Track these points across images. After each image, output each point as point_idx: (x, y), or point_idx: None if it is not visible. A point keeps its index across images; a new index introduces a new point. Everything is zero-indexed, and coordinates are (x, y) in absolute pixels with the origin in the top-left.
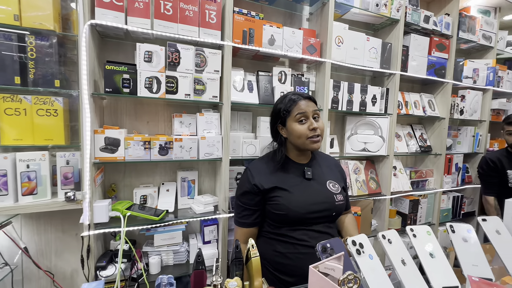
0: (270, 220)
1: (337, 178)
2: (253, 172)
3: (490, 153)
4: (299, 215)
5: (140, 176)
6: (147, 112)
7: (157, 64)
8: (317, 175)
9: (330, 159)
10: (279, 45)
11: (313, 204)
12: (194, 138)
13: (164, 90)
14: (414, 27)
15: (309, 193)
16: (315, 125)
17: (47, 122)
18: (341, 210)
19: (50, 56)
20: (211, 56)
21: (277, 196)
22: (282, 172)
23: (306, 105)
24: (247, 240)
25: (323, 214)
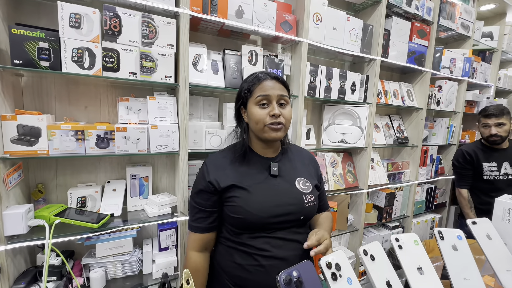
0: (228, 224)
1: (310, 175)
2: (209, 167)
3: (466, 145)
4: (259, 220)
5: (78, 174)
6: (84, 94)
7: (88, 32)
8: (285, 171)
9: (304, 153)
10: (248, 18)
11: (276, 206)
12: (142, 128)
13: (101, 66)
14: (396, 9)
15: (272, 193)
16: (276, 111)
17: None
18: (311, 212)
19: None
20: (163, 26)
21: (234, 196)
22: (244, 167)
23: (271, 86)
24: (201, 249)
25: (289, 218)
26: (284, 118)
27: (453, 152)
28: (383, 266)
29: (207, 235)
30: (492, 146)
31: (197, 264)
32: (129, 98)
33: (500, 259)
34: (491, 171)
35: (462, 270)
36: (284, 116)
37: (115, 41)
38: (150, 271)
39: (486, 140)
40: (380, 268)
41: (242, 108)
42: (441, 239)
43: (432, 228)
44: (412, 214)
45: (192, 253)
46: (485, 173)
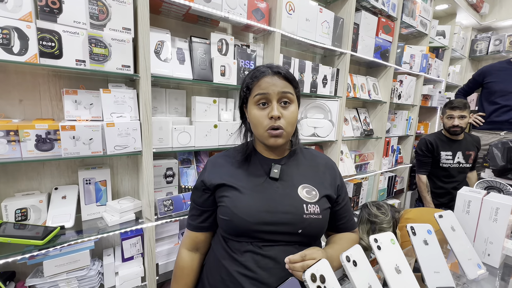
0: (220, 229)
1: (322, 183)
2: (208, 165)
3: (428, 135)
4: (244, 224)
5: (15, 181)
6: (18, 85)
7: (16, 7)
8: (289, 175)
9: (320, 158)
10: (217, 3)
11: (267, 212)
12: (96, 125)
13: (37, 51)
14: (364, 3)
15: (266, 196)
16: (275, 112)
17: None
18: (314, 228)
19: None
20: (116, 6)
21: (224, 196)
22: (243, 167)
23: (271, 83)
24: (192, 248)
25: (283, 230)
26: (285, 121)
27: (411, 142)
28: (366, 271)
29: (197, 234)
30: (452, 136)
31: (184, 263)
32: (77, 91)
33: (463, 250)
34: (447, 159)
35: (432, 263)
36: (285, 119)
37: (54, 21)
38: (113, 285)
39: (447, 130)
40: (363, 274)
41: (245, 106)
42: (414, 234)
43: None
44: None
45: (182, 250)
46: (442, 161)
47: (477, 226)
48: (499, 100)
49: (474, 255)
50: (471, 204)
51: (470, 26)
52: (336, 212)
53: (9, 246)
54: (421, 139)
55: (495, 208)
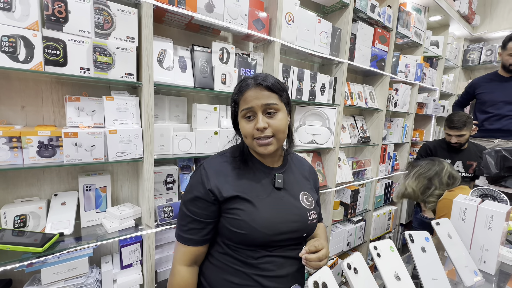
0: (225, 238)
1: (310, 188)
2: (209, 172)
3: (431, 141)
4: (263, 237)
5: (15, 187)
6: (21, 91)
7: (23, 16)
8: (289, 184)
9: (305, 164)
10: (219, 13)
11: (282, 223)
12: (98, 132)
13: (42, 59)
14: (361, 15)
15: (279, 208)
16: (260, 124)
17: None
18: (313, 230)
19: None
20: (121, 16)
21: (238, 209)
22: (248, 176)
23: (254, 96)
24: (191, 263)
25: (293, 236)
26: (273, 129)
27: (406, 149)
28: (366, 278)
29: (199, 248)
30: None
31: (185, 281)
32: (80, 98)
33: (459, 256)
34: None
35: (430, 270)
36: (273, 127)
37: (60, 30)
38: None
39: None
40: (363, 281)
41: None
42: (412, 242)
43: (389, 219)
44: (373, 207)
45: (180, 267)
46: None
47: (473, 233)
48: (490, 109)
49: (470, 262)
50: (467, 212)
51: (462, 36)
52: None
53: (7, 254)
54: (423, 145)
55: (490, 216)
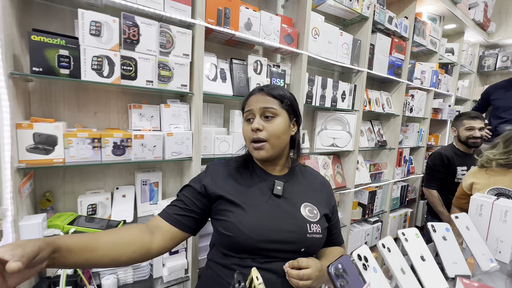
0: (218, 243)
1: (320, 201)
2: (211, 171)
3: (443, 149)
4: (249, 242)
5: (87, 181)
6: (94, 100)
7: (108, 40)
8: (291, 193)
9: (317, 178)
10: (256, 30)
11: (272, 231)
12: (158, 135)
13: (119, 74)
14: (379, 26)
15: (270, 215)
16: (255, 125)
17: None
18: (315, 246)
19: None
20: (179, 37)
21: (228, 211)
22: (246, 181)
23: (255, 100)
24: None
25: (287, 248)
26: (267, 133)
27: (422, 153)
28: (397, 256)
29: (163, 222)
30: (466, 150)
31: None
32: (141, 105)
33: (477, 246)
34: (463, 174)
35: (451, 256)
36: (267, 131)
37: (133, 50)
38: (160, 275)
39: (464, 142)
40: (395, 258)
41: None
42: (434, 231)
43: (405, 221)
44: (389, 209)
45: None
46: (458, 176)
47: (488, 226)
48: (503, 115)
49: (486, 251)
50: (483, 208)
51: (477, 43)
52: (328, 228)
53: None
54: (436, 153)
55: (504, 211)
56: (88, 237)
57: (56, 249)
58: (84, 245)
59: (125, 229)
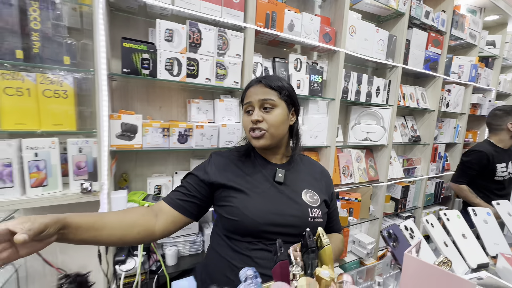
0: (223, 228)
1: (320, 188)
2: (212, 160)
3: (482, 146)
4: (254, 225)
5: (152, 165)
6: (160, 96)
7: (178, 45)
8: (292, 180)
9: (316, 166)
10: (297, 31)
11: (275, 215)
12: (215, 126)
13: (185, 74)
14: (415, 21)
15: (274, 200)
16: (254, 116)
17: (56, 104)
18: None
19: (57, 28)
20: (233, 39)
21: (232, 197)
22: (248, 169)
23: (254, 92)
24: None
25: (290, 231)
26: (267, 123)
27: (459, 150)
28: (440, 231)
29: (166, 206)
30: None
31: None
32: (199, 100)
33: None
34: (503, 171)
35: (492, 237)
36: (267, 121)
37: (196, 52)
38: None
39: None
40: (438, 233)
41: None
42: (475, 215)
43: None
44: (423, 205)
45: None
46: (498, 174)
47: None
48: None
49: None
50: None
51: None
52: (327, 215)
53: None
54: (480, 152)
55: None
56: (95, 217)
57: (65, 225)
58: (92, 223)
59: (131, 211)
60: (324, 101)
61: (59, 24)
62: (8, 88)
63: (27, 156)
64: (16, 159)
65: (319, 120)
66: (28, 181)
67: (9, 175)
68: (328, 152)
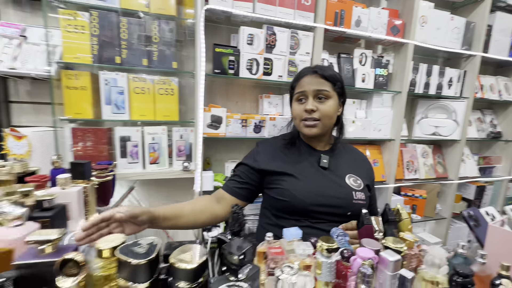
0: (272, 209)
1: (362, 174)
2: (260, 149)
3: None
4: (302, 205)
5: (229, 152)
6: (236, 92)
7: (257, 47)
8: (335, 166)
9: (358, 153)
10: (364, 26)
11: (322, 196)
12: (285, 118)
13: (262, 72)
14: (500, 4)
15: (320, 183)
16: (309, 105)
17: (165, 100)
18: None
19: (169, 39)
20: (304, 38)
21: (282, 180)
22: (294, 155)
23: (309, 82)
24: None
25: (335, 211)
26: (321, 113)
27: None
28: None
29: (225, 193)
30: None
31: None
32: (270, 95)
33: None
34: None
35: None
36: (321, 111)
37: (271, 52)
38: None
39: None
40: None
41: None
42: None
43: None
44: (502, 209)
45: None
46: None
47: None
48: None
49: None
50: None
51: None
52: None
53: None
54: None
55: None
56: (176, 208)
57: (155, 217)
58: (175, 213)
59: (199, 200)
60: (389, 94)
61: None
62: (136, 88)
63: (148, 140)
64: (140, 142)
65: (383, 113)
66: (147, 159)
67: (136, 154)
68: (392, 146)
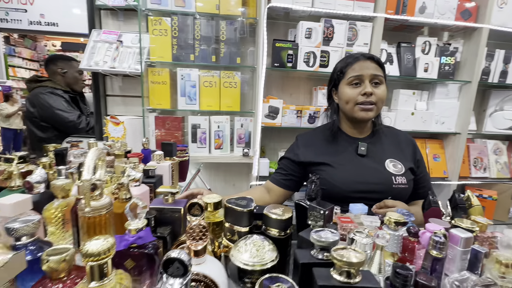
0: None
1: (405, 157)
2: (299, 142)
3: None
4: (342, 193)
5: (282, 142)
6: (291, 85)
7: (315, 40)
8: (374, 152)
9: (401, 135)
10: (429, 12)
11: (360, 183)
12: None
13: (318, 64)
14: None
15: (358, 170)
16: (368, 89)
17: (229, 92)
18: (402, 195)
19: (234, 37)
20: (362, 29)
21: (321, 170)
22: (332, 146)
23: (365, 66)
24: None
25: (374, 196)
26: (377, 97)
27: None
28: None
29: (273, 185)
30: None
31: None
32: (323, 87)
33: None
34: None
35: None
36: (377, 96)
37: (328, 45)
38: None
39: None
40: None
41: (333, 90)
42: None
43: None
44: None
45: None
46: None
47: None
48: None
49: None
50: None
51: None
52: (415, 181)
53: None
54: None
55: None
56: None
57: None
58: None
59: (254, 190)
60: (456, 85)
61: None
62: (205, 82)
63: (214, 128)
64: (207, 129)
65: (447, 105)
66: (213, 144)
67: (204, 139)
68: (457, 140)
